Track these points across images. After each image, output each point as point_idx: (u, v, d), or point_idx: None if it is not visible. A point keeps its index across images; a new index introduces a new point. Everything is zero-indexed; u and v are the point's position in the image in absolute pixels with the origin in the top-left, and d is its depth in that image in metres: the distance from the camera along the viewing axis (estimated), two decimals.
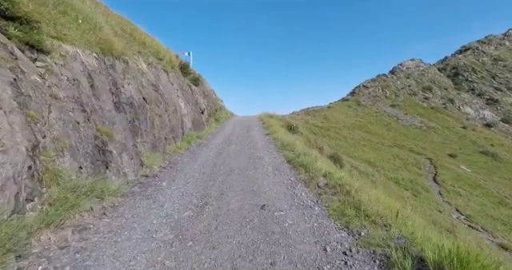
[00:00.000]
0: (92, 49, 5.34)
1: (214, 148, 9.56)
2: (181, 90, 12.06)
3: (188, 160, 7.59)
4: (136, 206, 4.20)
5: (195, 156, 8.12)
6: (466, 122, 49.34)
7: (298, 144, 9.93)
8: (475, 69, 55.45)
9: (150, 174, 5.79)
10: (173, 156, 7.81)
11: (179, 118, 10.03)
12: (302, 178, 5.74)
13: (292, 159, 7.57)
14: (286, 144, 10.12)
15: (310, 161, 6.58)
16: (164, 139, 7.87)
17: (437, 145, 45.14)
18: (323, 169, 5.84)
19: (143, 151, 6.36)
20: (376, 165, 36.21)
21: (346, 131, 45.88)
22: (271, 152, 8.92)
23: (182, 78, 13.78)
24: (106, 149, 4.46)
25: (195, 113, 12.89)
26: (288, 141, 10.41)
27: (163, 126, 8.13)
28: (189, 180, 5.74)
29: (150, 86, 8.26)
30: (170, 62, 12.34)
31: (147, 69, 9.10)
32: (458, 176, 36.59)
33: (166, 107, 8.92)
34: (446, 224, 21.00)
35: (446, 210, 27.16)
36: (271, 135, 12.89)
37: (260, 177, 5.84)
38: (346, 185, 4.63)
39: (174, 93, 10.73)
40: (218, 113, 20.24)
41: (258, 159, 7.80)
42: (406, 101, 53.63)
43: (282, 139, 11.28)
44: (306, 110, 52.67)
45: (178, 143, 9.12)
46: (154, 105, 7.94)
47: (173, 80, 11.58)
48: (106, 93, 5.13)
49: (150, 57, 10.11)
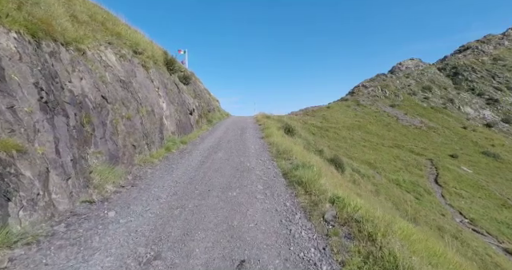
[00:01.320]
0: (12, 28, 3.79)
1: (198, 156, 7.99)
2: (164, 89, 10.47)
3: (160, 174, 6.01)
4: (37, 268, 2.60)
5: (171, 168, 6.55)
6: (467, 122, 47.97)
7: (296, 151, 8.37)
8: (475, 68, 53.99)
9: (98, 198, 4.22)
10: (142, 169, 6.23)
11: (157, 121, 8.44)
12: (302, 203, 4.18)
13: (289, 172, 6.01)
14: (282, 150, 8.56)
15: (312, 177, 5.01)
16: (132, 147, 6.31)
17: (437, 146, 43.74)
18: (329, 191, 4.27)
19: (96, 165, 4.80)
20: (376, 167, 34.85)
21: (345, 131, 44.41)
22: (264, 162, 7.36)
23: (168, 75, 12.19)
24: (7, 172, 2.91)
25: (181, 114, 11.30)
26: (285, 147, 8.85)
27: (132, 131, 6.56)
28: (149, 206, 4.17)
29: (116, 83, 6.68)
30: (151, 57, 10.74)
31: (117, 62, 7.51)
32: (460, 178, 35.29)
33: (139, 108, 7.34)
34: (451, 229, 19.56)
35: (448, 213, 25.83)
36: (266, 139, 11.33)
37: (245, 202, 4.27)
38: (368, 223, 3.07)
39: (153, 92, 9.14)
40: (211, 114, 18.66)
41: (247, 171, 6.24)
42: (405, 101, 52.20)
43: (278, 144, 9.73)
44: (304, 110, 51.14)
45: (153, 151, 7.54)
46: (119, 105, 6.36)
47: (154, 77, 9.99)
48: (26, 88, 3.58)
49: (124, 50, 8.52)
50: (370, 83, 56.49)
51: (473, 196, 30.88)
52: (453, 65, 56.93)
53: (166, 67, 12.63)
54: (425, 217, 22.81)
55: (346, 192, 4.63)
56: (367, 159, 36.62)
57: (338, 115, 49.71)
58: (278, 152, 8.51)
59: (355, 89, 56.46)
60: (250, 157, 7.86)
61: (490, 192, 32.66)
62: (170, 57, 13.07)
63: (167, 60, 12.78)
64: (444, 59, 62.64)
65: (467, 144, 43.76)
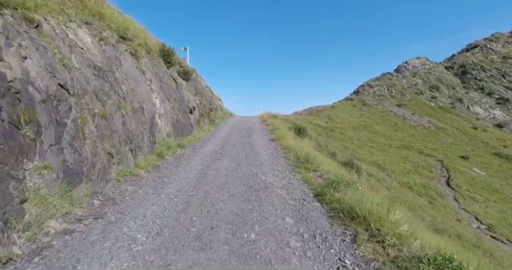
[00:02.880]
0: None
1: (198, 165, 6.20)
2: (158, 82, 8.68)
3: (144, 194, 4.22)
4: None
5: (161, 184, 4.75)
6: (476, 122, 45.83)
7: (321, 159, 6.54)
8: (484, 67, 51.73)
9: (25, 251, 2.45)
10: (120, 186, 4.44)
11: (148, 120, 6.65)
12: (372, 262, 2.38)
13: (322, 192, 4.19)
14: (302, 157, 6.73)
15: (374, 209, 3.08)
16: (107, 156, 4.54)
17: (447, 147, 41.66)
18: (414, 237, 2.44)
19: (37, 187, 3.04)
20: (386, 169, 32.97)
21: (351, 132, 42.45)
22: (283, 173, 5.55)
23: (164, 68, 10.40)
24: None
25: (179, 112, 9.51)
26: (305, 153, 7.02)
27: (108, 134, 4.78)
28: (111, 265, 2.39)
29: (87, 69, 4.90)
30: (144, 45, 8.96)
31: (93, 45, 5.73)
32: (473, 180, 33.34)
33: (121, 103, 5.56)
34: (471, 238, 17.64)
35: (464, 219, 23.98)
36: (278, 141, 9.51)
37: (273, 257, 2.47)
38: None
39: (143, 85, 7.34)
40: (213, 113, 16.86)
41: (264, 189, 4.43)
42: (412, 101, 50.10)
43: (293, 148, 7.90)
44: (308, 110, 49.21)
45: (140, 158, 5.75)
46: (90, 98, 4.59)
47: (146, 67, 8.20)
48: None
49: (106, 32, 6.74)
50: (376, 82, 54.43)
51: (487, 199, 29.03)
52: (461, 64, 54.66)
53: (163, 59, 10.86)
54: (442, 224, 20.96)
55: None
56: (375, 160, 34.75)
57: (344, 115, 47.72)
58: (297, 160, 6.69)
59: (360, 89, 54.43)
60: (264, 167, 6.05)
61: (506, 196, 30.75)
62: (167, 47, 11.27)
63: (164, 51, 10.99)
64: (451, 58, 60.26)
65: (478, 145, 41.63)
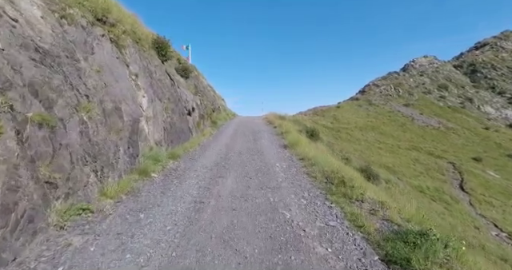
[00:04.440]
0: None
1: (193, 188, 4.45)
2: (147, 78, 6.93)
3: (90, 260, 2.48)
4: None
5: (128, 231, 2.99)
6: (488, 122, 43.64)
7: (359, 178, 4.75)
8: (495, 65, 49.42)
9: None
10: (57, 242, 2.69)
11: (127, 126, 4.91)
12: None
13: (399, 255, 2.45)
14: (331, 173, 4.95)
15: None
16: (44, 188, 2.81)
17: (458, 148, 39.58)
18: None
19: None
20: (395, 171, 31.06)
21: (358, 132, 40.50)
22: (313, 204, 3.78)
23: (157, 62, 8.65)
24: None
25: (174, 114, 7.76)
26: (334, 167, 5.24)
27: (50, 151, 3.05)
28: None
29: (20, 51, 3.18)
30: (132, 34, 7.23)
31: (45, 21, 4.00)
32: (487, 184, 31.31)
33: (81, 104, 3.83)
34: (496, 249, 15.71)
35: (482, 226, 22.05)
36: (293, 149, 7.71)
37: None
38: None
39: (124, 80, 5.60)
40: (216, 114, 15.10)
41: (295, 247, 2.67)
42: (420, 100, 47.99)
43: (315, 159, 6.11)
44: (313, 110, 47.30)
45: (110, 182, 4.01)
46: (20, 95, 2.88)
47: (131, 59, 6.45)
48: None
49: (73, 10, 5.00)
50: (382, 81, 52.35)
51: (505, 204, 27.01)
52: (470, 63, 52.35)
53: (157, 52, 9.12)
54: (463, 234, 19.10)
55: None
56: (385, 163, 32.85)
57: (350, 115, 45.75)
58: (326, 179, 4.90)
59: (366, 88, 52.39)
60: (283, 191, 4.28)
61: None
62: (161, 39, 9.51)
63: (158, 43, 9.23)
64: (460, 56, 57.83)
65: (491, 147, 39.51)
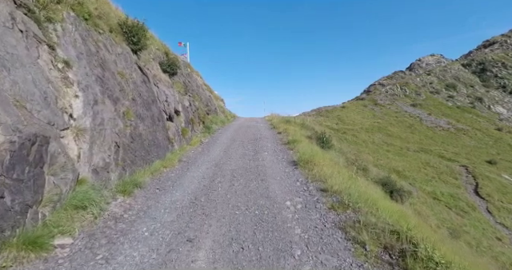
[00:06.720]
0: None
1: None
2: (92, 69, 4.93)
3: None
4: None
5: None
6: (500, 123, 41.12)
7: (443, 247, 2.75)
8: (505, 63, 46.94)
9: None
10: None
11: (9, 151, 2.94)
12: None
13: None
14: (390, 233, 2.94)
15: None
16: None
17: (470, 150, 37.14)
18: None
19: None
20: (406, 176, 28.67)
21: (364, 134, 38.24)
22: None
23: (120, 50, 6.64)
24: None
25: (141, 121, 5.75)
26: (392, 219, 3.22)
27: None
28: None
29: None
30: (77, 6, 5.22)
31: None
32: (505, 189, 28.80)
33: None
34: None
35: (504, 236, 19.78)
36: (307, 169, 5.65)
37: None
38: None
39: (31, 70, 3.62)
40: (211, 117, 13.08)
41: None
42: (428, 100, 45.59)
43: (352, 194, 4.06)
44: (317, 110, 45.14)
45: None
46: None
47: (63, 39, 4.47)
48: None
49: None
50: (388, 81, 50.04)
51: None
52: (479, 61, 49.87)
53: (125, 37, 7.10)
54: (490, 250, 16.83)
55: None
56: (394, 166, 30.48)
57: (355, 116, 43.58)
58: (384, 249, 2.87)
59: (371, 88, 50.11)
60: None
61: None
62: (131, 21, 7.36)
63: (127, 26, 7.16)
64: (469, 54, 55.29)
65: (504, 149, 37.10)
